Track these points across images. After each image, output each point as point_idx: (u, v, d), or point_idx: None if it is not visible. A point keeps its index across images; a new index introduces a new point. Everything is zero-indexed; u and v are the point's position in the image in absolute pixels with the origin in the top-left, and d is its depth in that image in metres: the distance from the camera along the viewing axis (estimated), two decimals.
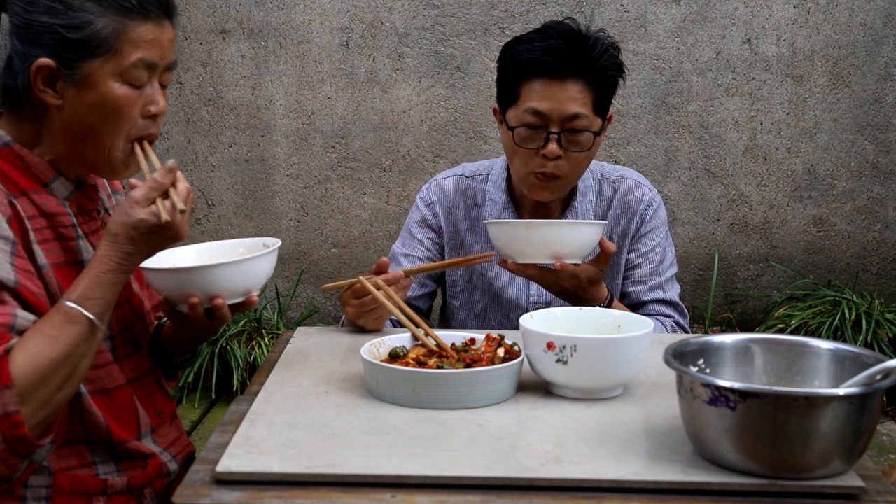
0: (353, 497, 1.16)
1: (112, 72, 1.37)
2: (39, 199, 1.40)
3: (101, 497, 1.45)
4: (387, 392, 1.43)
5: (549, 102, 1.83)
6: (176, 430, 1.62)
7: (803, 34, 3.99)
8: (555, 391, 1.48)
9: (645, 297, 2.04)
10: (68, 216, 1.43)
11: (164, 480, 1.55)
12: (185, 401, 3.82)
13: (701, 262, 4.19)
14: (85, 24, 1.34)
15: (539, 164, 1.88)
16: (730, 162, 4.10)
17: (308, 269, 4.19)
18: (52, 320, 1.28)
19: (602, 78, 1.86)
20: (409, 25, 3.99)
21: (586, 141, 1.87)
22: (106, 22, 1.35)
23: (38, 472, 1.39)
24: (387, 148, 4.10)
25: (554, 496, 1.16)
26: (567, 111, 1.83)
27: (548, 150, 1.85)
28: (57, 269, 1.38)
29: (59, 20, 1.34)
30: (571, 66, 1.82)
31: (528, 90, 1.86)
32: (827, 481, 1.17)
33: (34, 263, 1.35)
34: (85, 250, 1.44)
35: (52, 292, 1.36)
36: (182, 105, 4.07)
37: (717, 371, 1.34)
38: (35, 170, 1.41)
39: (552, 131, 1.85)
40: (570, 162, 1.88)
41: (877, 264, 4.19)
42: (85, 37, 1.35)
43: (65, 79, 1.36)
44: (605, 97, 1.89)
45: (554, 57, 1.82)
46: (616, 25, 3.95)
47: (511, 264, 1.80)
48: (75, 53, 1.35)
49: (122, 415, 1.48)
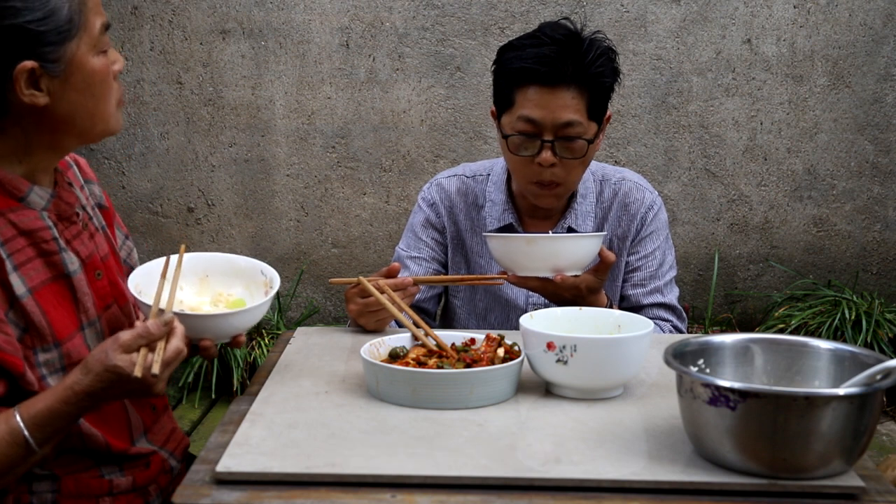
0: (353, 497, 1.16)
1: (87, 47, 1.34)
2: (16, 218, 1.36)
3: (107, 497, 1.45)
4: (387, 392, 1.43)
5: (542, 111, 1.83)
6: (169, 423, 1.62)
7: (803, 34, 3.99)
8: (555, 391, 1.48)
9: (644, 300, 2.04)
10: (48, 230, 1.39)
11: (167, 477, 1.55)
12: (185, 401, 3.82)
13: (701, 262, 4.19)
14: (51, 10, 1.30)
15: (536, 172, 1.88)
16: (730, 162, 4.10)
17: (308, 269, 4.19)
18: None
19: (596, 84, 1.85)
20: (409, 25, 3.99)
21: (580, 148, 1.86)
22: (66, 1, 1.31)
23: (43, 477, 1.39)
24: (387, 148, 4.10)
25: (554, 496, 1.16)
26: (560, 119, 1.83)
27: (541, 159, 1.85)
28: (38, 294, 1.35)
29: (23, 18, 1.28)
30: (564, 74, 1.81)
31: (522, 97, 1.85)
32: (827, 481, 1.17)
33: (11, 297, 1.32)
34: (69, 262, 1.41)
35: (35, 322, 1.34)
36: (182, 105, 4.07)
37: (717, 371, 1.34)
38: (9, 186, 1.36)
39: (545, 139, 1.84)
40: (565, 169, 1.88)
41: (877, 264, 4.19)
42: (56, 24, 1.30)
43: (49, 74, 1.32)
44: (600, 102, 1.88)
45: (546, 66, 1.81)
46: (616, 25, 3.95)
47: (511, 276, 1.80)
48: (52, 44, 1.31)
49: (114, 425, 1.48)
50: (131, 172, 4.11)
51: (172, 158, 4.09)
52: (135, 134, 4.05)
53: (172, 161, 4.09)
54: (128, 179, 4.11)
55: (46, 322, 1.35)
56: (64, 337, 1.37)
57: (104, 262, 1.50)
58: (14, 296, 1.32)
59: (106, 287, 1.49)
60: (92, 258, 1.47)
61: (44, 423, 1.27)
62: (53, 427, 1.28)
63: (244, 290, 1.61)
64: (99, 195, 1.62)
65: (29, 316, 1.33)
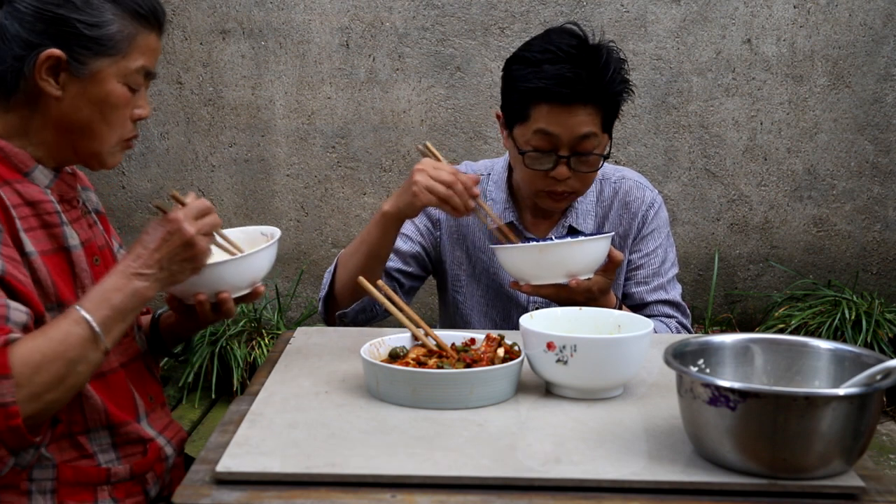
0: (353, 497, 1.16)
1: (117, 73, 1.42)
2: (22, 188, 1.41)
3: (106, 486, 1.46)
4: (387, 392, 1.43)
5: (560, 127, 1.83)
6: (166, 416, 1.63)
7: (803, 34, 3.99)
8: (555, 391, 1.48)
9: (648, 297, 2.05)
10: (51, 203, 1.44)
11: (163, 465, 1.56)
12: (185, 401, 3.82)
13: (701, 262, 4.19)
14: (103, 23, 1.39)
15: (549, 183, 1.89)
16: (730, 162, 4.10)
17: (308, 269, 4.19)
18: (56, 320, 1.31)
19: (612, 100, 1.87)
20: (409, 25, 3.99)
21: (595, 162, 1.88)
22: (122, 25, 1.40)
23: (42, 465, 1.40)
24: (387, 148, 4.10)
25: (554, 496, 1.16)
26: (577, 133, 1.84)
27: (557, 173, 1.87)
28: (45, 257, 1.39)
29: (76, 15, 1.37)
30: (583, 94, 1.82)
31: (538, 113, 1.85)
32: (827, 481, 1.17)
33: (21, 251, 1.36)
34: (70, 236, 1.45)
35: (42, 279, 1.37)
36: (182, 105, 4.07)
37: (717, 371, 1.34)
38: (15, 160, 1.41)
39: (561, 155, 1.85)
40: (579, 180, 1.90)
41: (877, 264, 4.19)
42: (101, 35, 1.39)
43: (72, 72, 1.39)
44: (613, 114, 1.90)
45: (565, 87, 1.80)
46: (616, 25, 3.95)
47: (525, 286, 1.81)
48: (88, 49, 1.39)
49: (119, 397, 1.50)
50: (131, 172, 4.11)
51: (172, 158, 4.09)
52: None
53: (172, 161, 4.09)
54: (128, 179, 4.11)
55: (52, 282, 1.39)
56: (64, 300, 1.40)
57: (101, 251, 1.54)
58: (24, 252, 1.37)
59: (103, 273, 1.50)
60: (91, 243, 1.51)
61: (96, 299, 1.33)
62: (112, 311, 1.33)
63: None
64: (96, 202, 1.66)
65: (36, 272, 1.37)
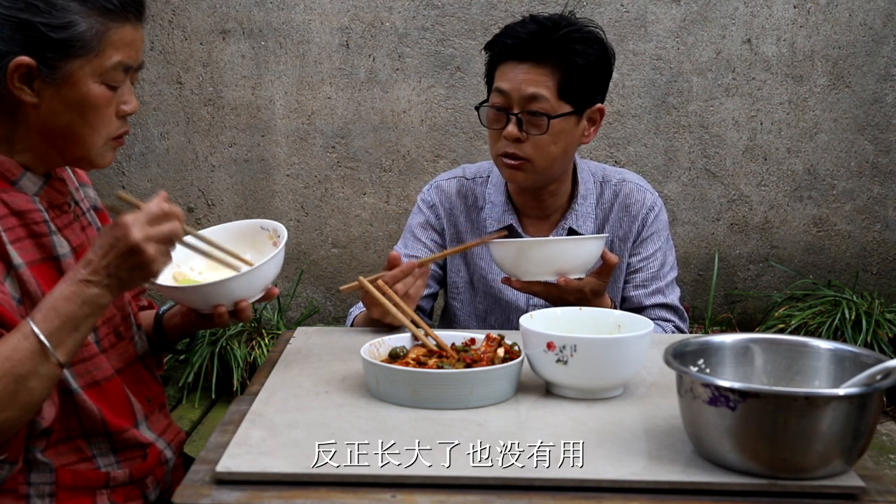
0: (353, 497, 1.16)
1: (92, 73, 1.36)
2: (9, 198, 1.38)
3: (105, 490, 1.45)
4: (387, 392, 1.43)
5: (510, 83, 1.87)
6: (165, 418, 1.63)
7: (803, 34, 3.99)
8: (555, 391, 1.48)
9: (646, 301, 2.04)
10: (39, 212, 1.41)
11: (163, 469, 1.56)
12: (185, 401, 3.82)
13: (701, 262, 4.19)
14: (69, 24, 1.33)
15: (504, 145, 1.91)
16: (730, 162, 4.10)
17: (308, 269, 4.19)
18: (9, 334, 1.27)
19: (566, 61, 1.85)
20: (409, 25, 3.99)
21: (542, 124, 1.87)
22: (90, 23, 1.34)
23: (40, 469, 1.39)
24: (387, 148, 4.10)
25: (554, 496, 1.16)
26: (524, 92, 1.86)
27: (506, 132, 1.89)
28: (33, 268, 1.37)
29: (40, 18, 1.31)
30: (533, 50, 1.85)
31: (499, 73, 1.91)
32: (827, 481, 1.17)
33: (8, 265, 1.34)
34: (59, 245, 1.43)
35: (31, 291, 1.35)
36: (182, 105, 4.07)
37: (717, 371, 1.34)
38: (1, 168, 1.38)
39: (512, 112, 1.88)
40: (534, 146, 1.89)
41: (877, 264, 4.19)
42: (68, 37, 1.33)
43: (43, 78, 1.34)
44: (574, 82, 1.87)
45: (517, 40, 1.86)
46: (616, 25, 3.95)
47: (515, 282, 1.81)
48: (57, 53, 1.33)
49: (116, 405, 1.49)
50: (131, 172, 4.11)
51: (172, 158, 4.09)
52: (135, 134, 4.05)
53: (172, 161, 4.09)
54: (128, 179, 4.11)
55: (41, 293, 1.35)
56: None
57: None
58: (11, 265, 1.34)
59: None
60: (83, 248, 1.48)
61: (48, 313, 1.27)
62: (58, 316, 1.27)
63: (252, 250, 1.65)
64: (94, 198, 1.63)
65: (25, 285, 1.35)
